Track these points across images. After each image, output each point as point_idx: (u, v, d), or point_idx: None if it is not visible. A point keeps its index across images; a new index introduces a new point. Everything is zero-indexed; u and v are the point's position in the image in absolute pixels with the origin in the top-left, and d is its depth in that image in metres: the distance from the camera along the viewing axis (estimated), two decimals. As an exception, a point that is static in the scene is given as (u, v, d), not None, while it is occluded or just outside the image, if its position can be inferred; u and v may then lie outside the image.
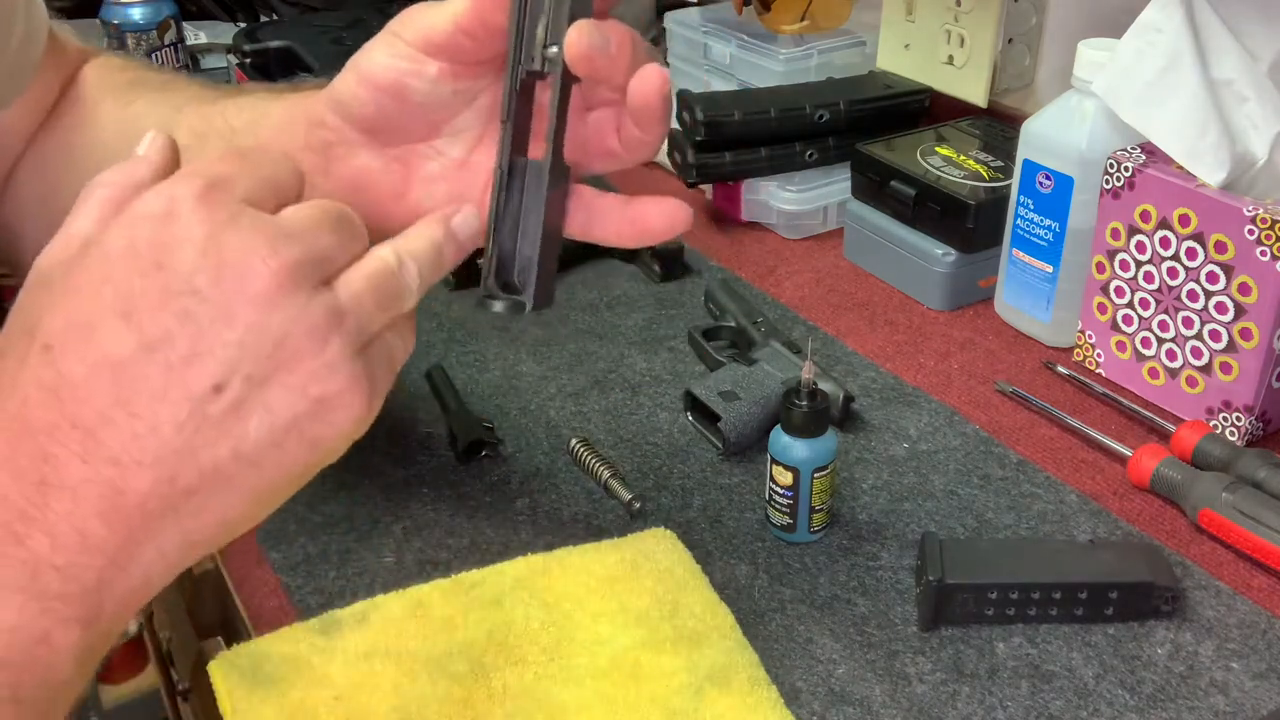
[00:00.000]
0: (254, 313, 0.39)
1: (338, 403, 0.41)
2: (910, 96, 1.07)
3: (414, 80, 0.52)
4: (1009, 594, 0.61)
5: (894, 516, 0.70)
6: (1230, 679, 0.59)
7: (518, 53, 0.50)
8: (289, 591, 0.65)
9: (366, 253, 0.44)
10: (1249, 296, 0.72)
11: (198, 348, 0.39)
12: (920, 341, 0.88)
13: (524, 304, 0.51)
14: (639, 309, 0.93)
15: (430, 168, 0.56)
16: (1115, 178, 0.78)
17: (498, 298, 0.51)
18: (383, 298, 0.43)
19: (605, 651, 0.57)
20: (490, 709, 0.54)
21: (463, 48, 0.51)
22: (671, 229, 0.53)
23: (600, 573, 0.62)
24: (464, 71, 0.53)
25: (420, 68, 0.52)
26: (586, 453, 0.74)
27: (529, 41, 0.50)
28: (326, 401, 0.41)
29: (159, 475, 0.39)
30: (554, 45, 0.49)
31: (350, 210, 0.44)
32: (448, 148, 0.56)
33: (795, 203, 1.02)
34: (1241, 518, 0.66)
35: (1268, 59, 0.76)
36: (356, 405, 0.42)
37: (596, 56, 0.48)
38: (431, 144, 0.56)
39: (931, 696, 0.58)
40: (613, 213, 0.53)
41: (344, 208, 0.44)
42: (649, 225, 0.53)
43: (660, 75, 0.49)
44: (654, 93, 0.49)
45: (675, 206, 0.52)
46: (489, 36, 0.51)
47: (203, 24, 1.35)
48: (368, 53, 0.53)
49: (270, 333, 0.39)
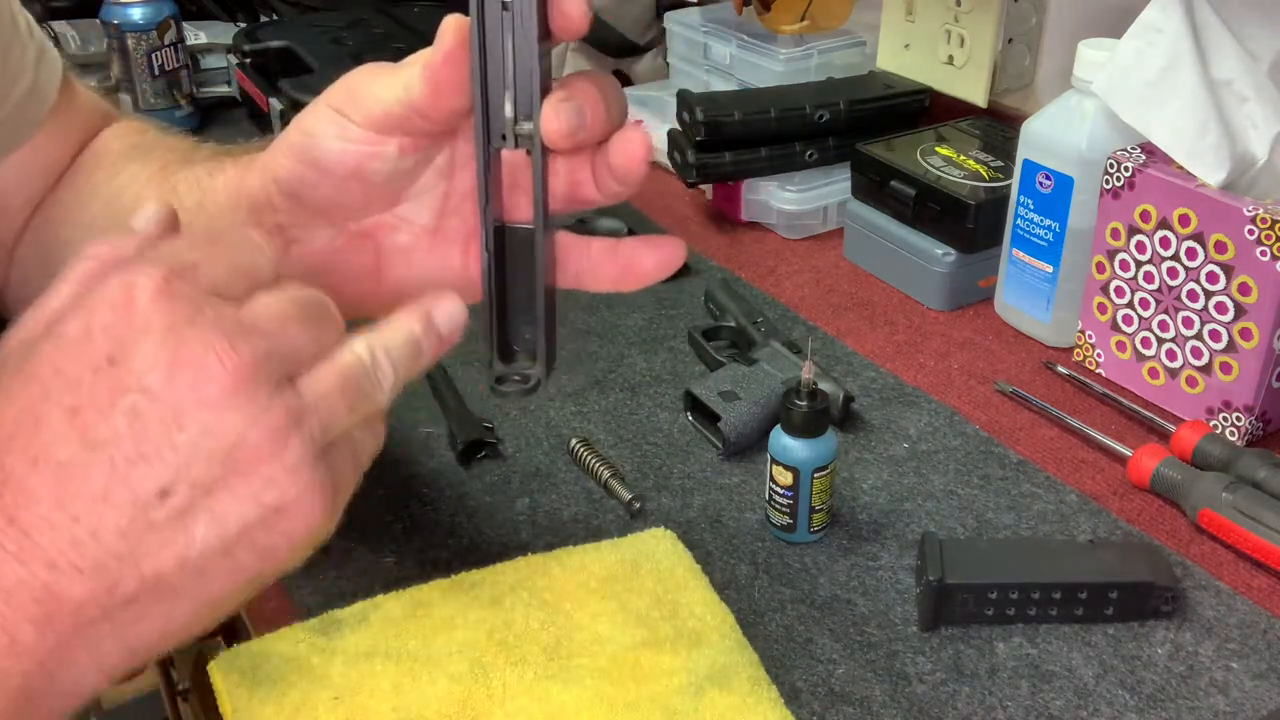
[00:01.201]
0: (207, 414, 0.36)
1: (294, 510, 0.38)
2: (910, 96, 1.07)
3: (374, 162, 0.49)
4: (1009, 594, 0.61)
5: (894, 516, 0.70)
6: (1230, 679, 0.59)
7: (486, 133, 0.46)
8: (289, 591, 0.65)
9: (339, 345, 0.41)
10: (1249, 296, 0.72)
11: (144, 450, 0.36)
12: (920, 341, 0.88)
13: (538, 380, 0.49)
14: (639, 309, 0.93)
15: (399, 239, 0.52)
16: (1115, 178, 0.78)
17: (508, 380, 0.49)
18: (353, 397, 0.40)
19: (605, 651, 0.57)
20: (490, 709, 0.54)
21: (418, 125, 0.48)
22: (664, 270, 0.50)
23: (600, 573, 0.62)
24: (424, 142, 0.49)
25: (379, 149, 0.48)
26: (586, 453, 0.74)
27: (496, 120, 0.46)
28: (282, 509, 0.38)
29: (97, 583, 0.36)
30: (527, 122, 0.46)
31: (325, 298, 0.41)
32: (413, 214, 0.52)
33: (795, 203, 1.02)
34: (1241, 518, 0.66)
35: (1268, 59, 0.76)
36: (314, 513, 0.39)
37: (577, 134, 0.45)
38: (394, 213, 0.52)
39: (931, 696, 0.58)
40: (603, 261, 0.51)
41: (318, 296, 0.41)
42: (641, 269, 0.50)
43: (643, 142, 0.47)
44: (637, 159, 0.47)
45: (667, 247, 0.50)
46: (448, 119, 0.47)
47: (203, 24, 1.35)
48: (312, 135, 0.49)
49: (223, 436, 0.37)
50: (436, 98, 0.46)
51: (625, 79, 1.30)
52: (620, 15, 1.25)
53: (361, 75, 0.48)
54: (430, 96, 0.46)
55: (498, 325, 0.49)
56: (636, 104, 1.20)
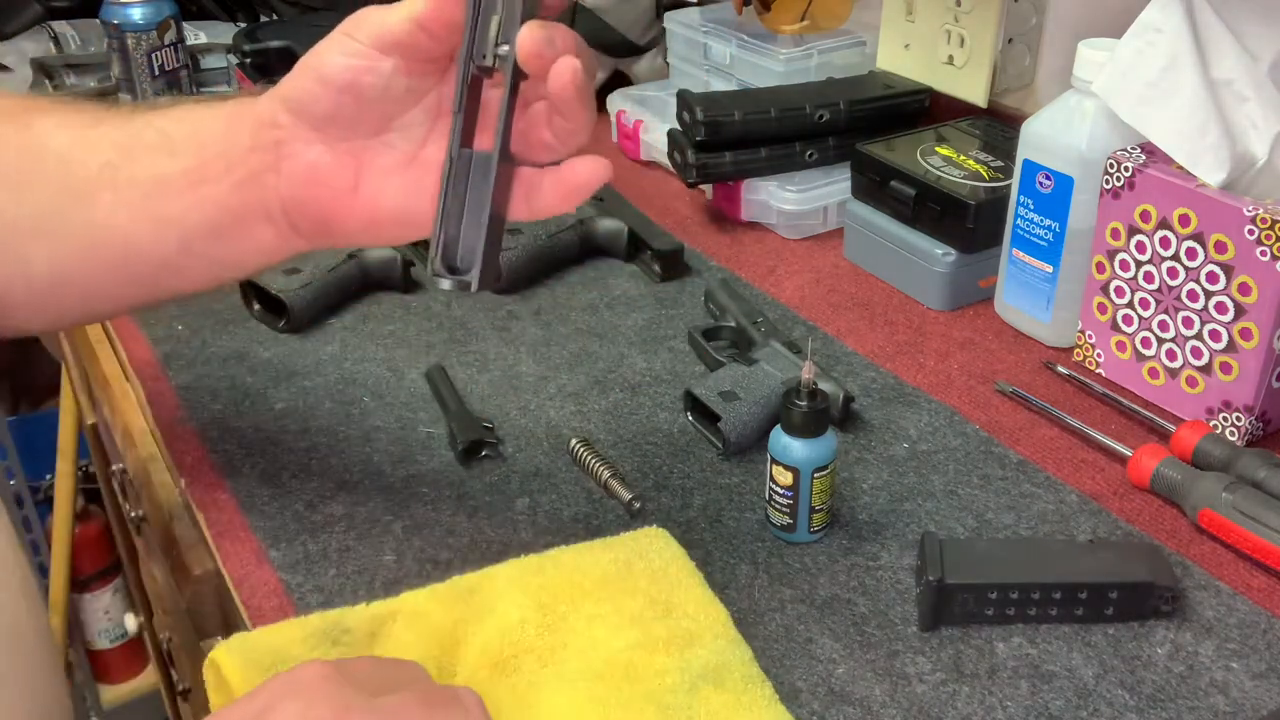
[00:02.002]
0: None
1: None
2: (910, 96, 1.07)
3: (369, 77, 0.56)
4: (1009, 594, 0.61)
5: (894, 516, 0.70)
6: (1230, 679, 0.59)
7: (470, 48, 0.55)
8: (289, 591, 0.65)
9: None
10: (1249, 296, 0.72)
11: None
12: (920, 341, 0.88)
13: (470, 284, 0.55)
14: (639, 309, 0.93)
15: (382, 162, 0.59)
16: (1115, 178, 0.78)
17: (444, 277, 0.56)
18: None
19: (599, 654, 0.57)
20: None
21: (418, 44, 0.56)
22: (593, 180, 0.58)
23: (594, 574, 0.62)
24: (416, 68, 0.57)
25: (376, 64, 0.56)
26: (586, 453, 0.74)
27: (482, 39, 0.54)
28: None
29: None
30: (505, 44, 0.54)
31: None
32: (398, 142, 0.60)
33: (795, 203, 1.02)
34: (1241, 518, 0.66)
35: (1268, 59, 0.76)
36: None
37: (545, 53, 0.53)
38: (382, 138, 0.60)
39: (931, 696, 0.58)
40: (547, 184, 0.58)
41: None
42: (577, 180, 0.58)
43: (571, 67, 0.53)
44: (567, 84, 0.53)
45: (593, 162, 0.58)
46: (446, 33, 0.55)
47: (203, 24, 1.36)
48: (320, 54, 0.57)
49: None
50: (439, 8, 0.54)
51: (625, 79, 1.30)
52: (620, 15, 1.25)
53: (371, 8, 0.56)
54: (434, 10, 0.54)
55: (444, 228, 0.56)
56: (636, 104, 1.21)
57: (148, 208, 0.61)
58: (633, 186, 1.12)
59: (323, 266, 0.91)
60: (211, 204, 0.61)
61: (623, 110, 1.20)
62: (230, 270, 0.65)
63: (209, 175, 0.61)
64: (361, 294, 0.94)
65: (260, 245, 0.62)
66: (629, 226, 0.98)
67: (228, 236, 0.62)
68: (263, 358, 0.86)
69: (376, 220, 0.60)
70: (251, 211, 0.61)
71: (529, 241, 0.95)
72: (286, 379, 0.84)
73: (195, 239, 0.62)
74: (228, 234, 0.62)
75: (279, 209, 0.61)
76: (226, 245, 0.62)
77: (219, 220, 0.61)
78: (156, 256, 0.62)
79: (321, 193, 0.59)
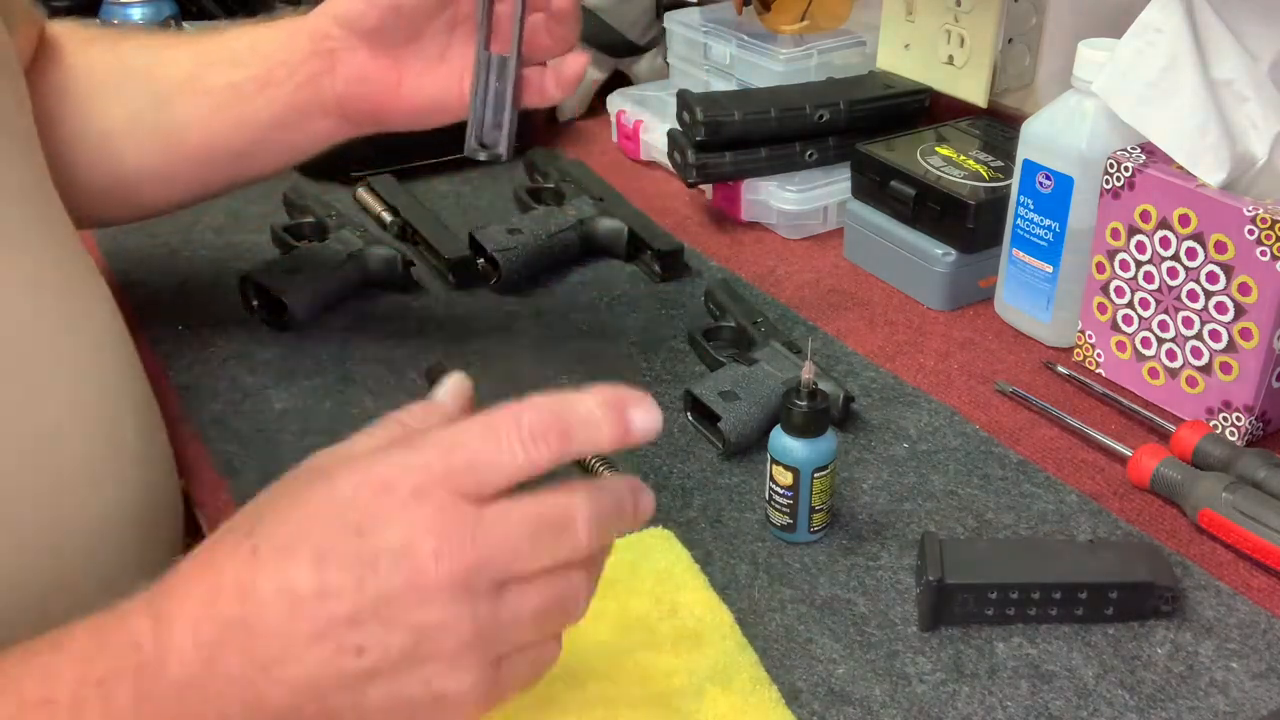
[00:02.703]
0: (412, 603, 0.43)
1: (454, 704, 0.45)
2: (910, 96, 1.07)
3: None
4: (1009, 594, 0.61)
5: (894, 516, 0.70)
6: (1230, 679, 0.59)
7: None
8: (289, 591, 0.65)
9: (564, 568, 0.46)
10: (1249, 296, 0.72)
11: (359, 611, 0.43)
12: (920, 341, 0.88)
13: (500, 155, 0.74)
14: (639, 309, 0.93)
15: (417, 63, 0.76)
16: (1115, 178, 0.78)
17: (479, 151, 0.74)
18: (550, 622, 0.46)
19: (605, 654, 0.57)
20: (489, 714, 0.54)
21: None
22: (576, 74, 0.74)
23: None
24: None
25: None
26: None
27: None
28: (444, 699, 0.44)
29: (292, 700, 0.43)
30: None
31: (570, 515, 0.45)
32: (429, 47, 0.76)
33: (795, 203, 1.02)
34: (1241, 518, 0.66)
35: (1268, 59, 0.76)
36: (470, 708, 0.45)
37: None
38: (414, 45, 0.75)
39: (931, 696, 0.58)
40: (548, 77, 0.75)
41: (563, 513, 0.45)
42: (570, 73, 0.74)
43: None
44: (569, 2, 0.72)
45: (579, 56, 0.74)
46: None
47: (203, 24, 1.35)
48: None
49: (420, 623, 0.43)
50: None
51: (625, 79, 1.30)
52: (620, 15, 1.25)
53: None
54: None
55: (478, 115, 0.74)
56: (636, 104, 1.21)
57: (225, 109, 0.77)
58: (633, 186, 1.12)
59: (323, 266, 0.91)
60: (279, 103, 0.77)
61: (623, 110, 1.20)
62: (294, 155, 0.82)
63: (274, 79, 0.76)
64: (361, 294, 0.94)
65: (319, 134, 0.79)
66: (629, 226, 0.98)
67: (292, 128, 0.78)
68: (263, 358, 0.86)
69: (417, 109, 0.76)
70: (312, 107, 0.77)
71: (529, 241, 0.95)
72: (286, 379, 0.84)
73: (265, 132, 0.78)
74: (293, 127, 0.78)
75: (335, 105, 0.77)
76: (291, 135, 0.79)
77: (285, 116, 0.77)
78: (233, 148, 0.79)
79: (372, 89, 0.76)
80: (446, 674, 0.44)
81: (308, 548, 0.43)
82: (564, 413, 0.46)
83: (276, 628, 0.43)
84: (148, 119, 0.79)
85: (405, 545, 0.43)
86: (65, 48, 0.80)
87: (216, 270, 0.98)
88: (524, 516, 0.44)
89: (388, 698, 0.44)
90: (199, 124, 0.78)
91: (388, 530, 0.43)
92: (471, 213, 1.09)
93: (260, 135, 0.78)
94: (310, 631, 0.43)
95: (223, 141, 0.79)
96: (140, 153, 0.79)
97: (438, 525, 0.43)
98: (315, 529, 0.44)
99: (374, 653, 0.43)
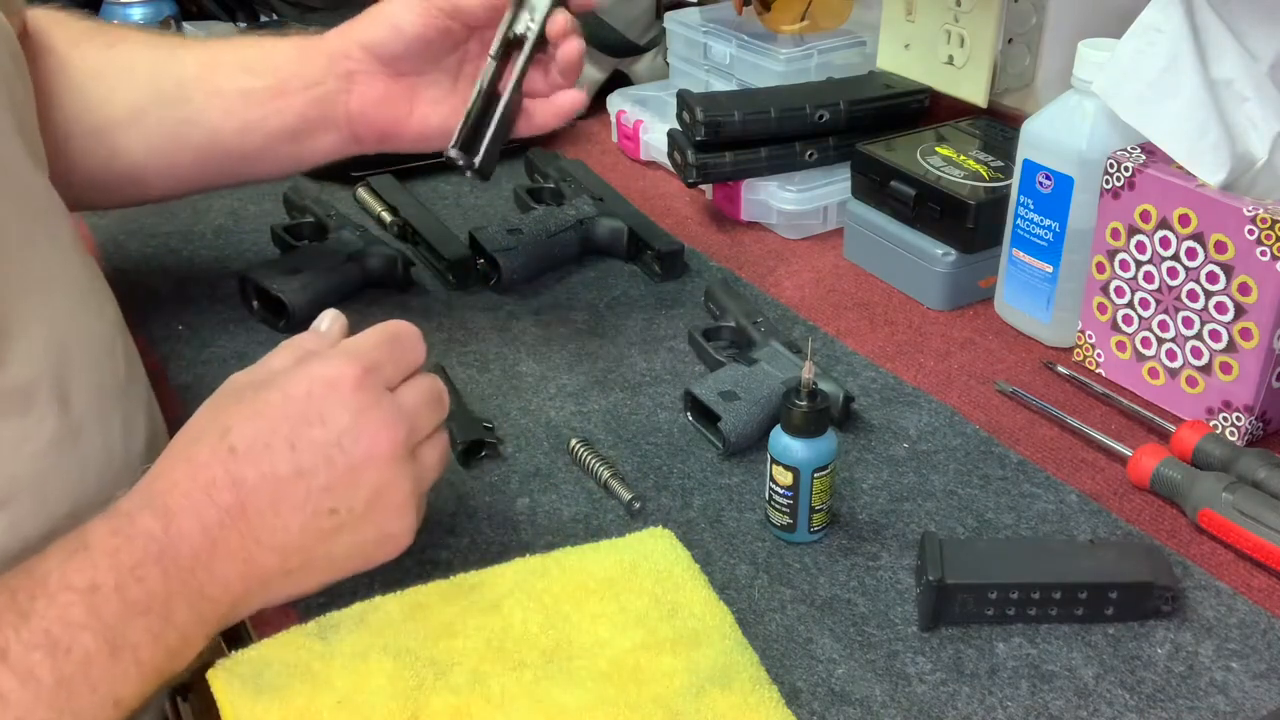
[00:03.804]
0: (373, 470, 0.56)
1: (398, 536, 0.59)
2: (910, 96, 1.07)
3: (434, 33, 0.79)
4: (1009, 594, 0.61)
5: (894, 516, 0.70)
6: (1230, 679, 0.59)
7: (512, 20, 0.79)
8: (289, 591, 0.65)
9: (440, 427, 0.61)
10: (1249, 296, 0.72)
11: (331, 482, 0.55)
12: (920, 341, 0.88)
13: (473, 164, 0.79)
14: (639, 309, 0.93)
15: (430, 93, 0.82)
16: (1115, 178, 0.78)
17: (457, 158, 0.79)
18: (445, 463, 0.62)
19: (605, 653, 0.57)
20: (490, 713, 0.54)
21: (478, 17, 0.79)
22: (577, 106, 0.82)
23: (599, 574, 0.62)
24: (465, 33, 0.80)
25: (443, 24, 0.79)
26: (586, 453, 0.74)
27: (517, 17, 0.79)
28: (391, 537, 0.58)
29: (281, 561, 0.55)
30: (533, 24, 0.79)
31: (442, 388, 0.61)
32: (441, 79, 0.82)
33: (795, 203, 1.02)
34: (1241, 518, 0.66)
35: (1268, 59, 0.76)
36: (408, 538, 0.59)
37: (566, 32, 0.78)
38: (428, 76, 0.81)
39: (931, 696, 0.58)
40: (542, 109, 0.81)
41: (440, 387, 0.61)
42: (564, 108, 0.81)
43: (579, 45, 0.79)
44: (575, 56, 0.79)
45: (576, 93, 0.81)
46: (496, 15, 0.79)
47: (203, 24, 1.35)
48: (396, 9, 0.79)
49: (378, 486, 0.56)
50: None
51: (625, 79, 1.30)
52: (620, 15, 1.24)
53: None
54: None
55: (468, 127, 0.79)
56: (636, 104, 1.21)
57: (235, 113, 0.80)
58: (633, 186, 1.12)
59: (323, 266, 0.91)
60: (290, 114, 0.80)
61: (623, 110, 1.20)
62: (297, 165, 0.85)
63: (288, 90, 0.80)
64: (361, 294, 0.94)
65: (323, 148, 0.83)
66: (629, 226, 0.98)
67: (301, 139, 0.82)
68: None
69: (423, 135, 0.82)
70: (323, 122, 0.81)
71: (529, 241, 0.95)
72: (286, 379, 0.84)
73: (274, 139, 0.81)
74: (300, 138, 0.82)
75: (345, 122, 0.81)
76: (298, 146, 0.82)
77: (294, 127, 0.81)
78: (239, 150, 0.82)
79: (385, 113, 0.81)
80: (395, 519, 0.57)
81: (280, 439, 0.55)
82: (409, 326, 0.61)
83: (266, 506, 0.54)
84: (151, 114, 0.80)
85: (360, 429, 0.55)
86: (54, 37, 0.80)
87: (216, 270, 0.98)
88: (418, 394, 0.59)
89: (351, 544, 0.57)
90: (206, 123, 0.80)
91: (342, 417, 0.55)
92: (471, 213, 1.09)
93: (266, 142, 0.81)
94: (293, 505, 0.54)
95: (229, 143, 0.81)
96: (147, 141, 0.81)
97: (377, 409, 0.56)
98: (283, 424, 0.55)
99: (342, 512, 0.55)
